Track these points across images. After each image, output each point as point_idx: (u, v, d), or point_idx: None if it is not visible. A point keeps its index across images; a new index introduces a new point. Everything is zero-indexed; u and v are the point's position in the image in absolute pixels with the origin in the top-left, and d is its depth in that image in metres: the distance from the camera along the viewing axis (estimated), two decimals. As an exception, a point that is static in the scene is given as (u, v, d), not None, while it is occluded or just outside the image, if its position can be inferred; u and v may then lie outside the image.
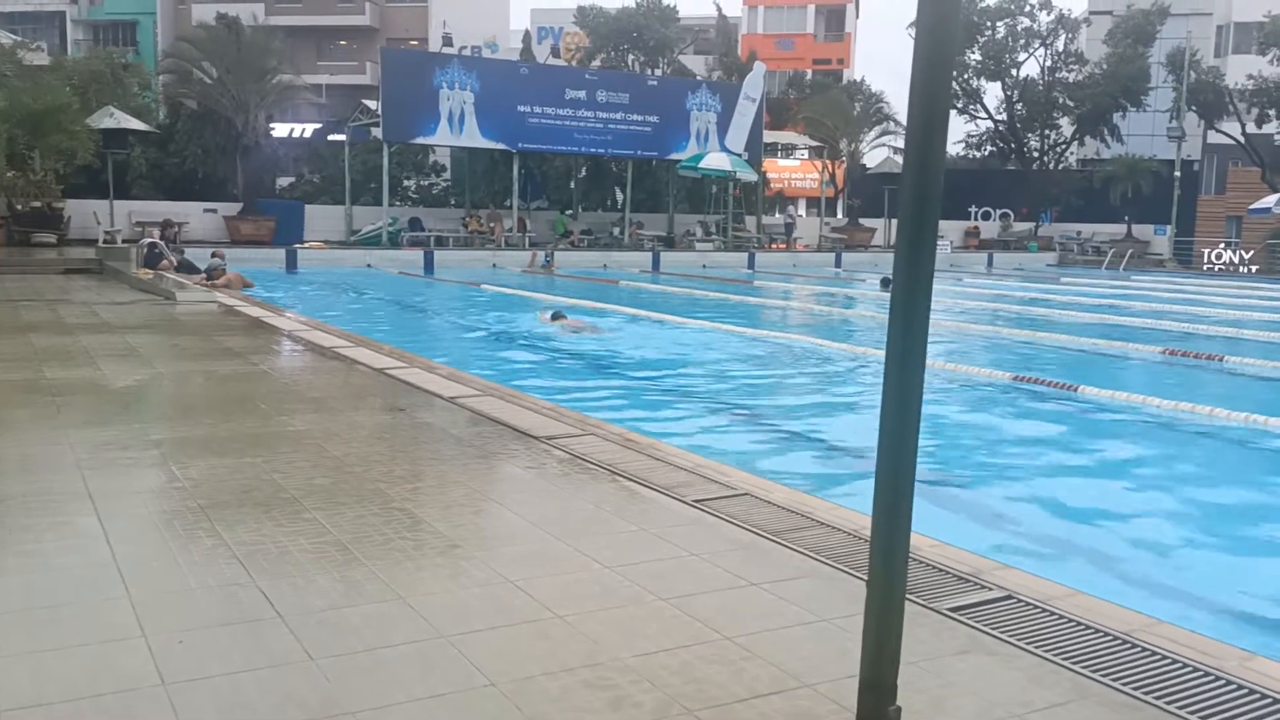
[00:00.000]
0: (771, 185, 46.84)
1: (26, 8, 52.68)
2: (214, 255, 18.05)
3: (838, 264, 33.56)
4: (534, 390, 8.80)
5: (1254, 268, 35.51)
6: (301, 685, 2.80)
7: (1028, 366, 11.97)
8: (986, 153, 45.75)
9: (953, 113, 41.12)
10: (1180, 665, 3.09)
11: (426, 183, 38.03)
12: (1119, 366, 12.19)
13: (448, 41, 46.26)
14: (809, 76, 50.50)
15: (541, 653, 3.04)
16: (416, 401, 7.08)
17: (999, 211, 44.02)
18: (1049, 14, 42.47)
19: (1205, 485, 7.59)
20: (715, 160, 32.45)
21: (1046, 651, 3.15)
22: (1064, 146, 44.96)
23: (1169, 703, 2.85)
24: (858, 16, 60.09)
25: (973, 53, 42.47)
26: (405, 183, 36.91)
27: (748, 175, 34.20)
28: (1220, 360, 12.68)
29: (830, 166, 41.14)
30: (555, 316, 15.38)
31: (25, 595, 3.39)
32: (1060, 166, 45.28)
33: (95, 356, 8.69)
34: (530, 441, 5.83)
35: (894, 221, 2.65)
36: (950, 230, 40.00)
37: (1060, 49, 43.46)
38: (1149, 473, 7.85)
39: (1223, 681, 2.99)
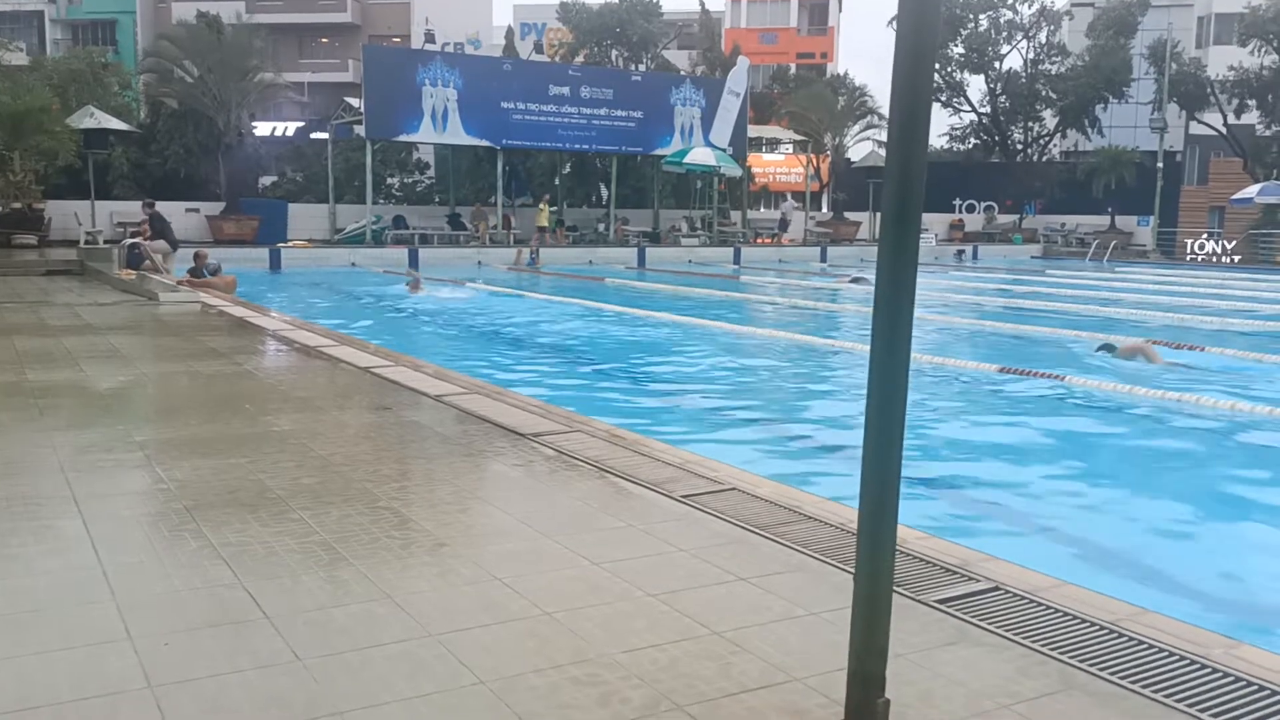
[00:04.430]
0: (756, 180, 46.85)
1: (4, 7, 52.23)
2: (197, 256, 17.92)
3: (823, 258, 33.62)
4: (520, 386, 8.79)
5: (1236, 258, 35.72)
6: (289, 686, 2.78)
7: (1012, 358, 12.01)
8: (970, 145, 45.94)
9: (936, 106, 41.34)
10: (1167, 654, 3.10)
11: (410, 180, 37.88)
12: (1102, 356, 12.23)
13: (430, 38, 46.04)
14: (793, 70, 50.53)
15: (530, 650, 3.04)
16: (403, 400, 7.05)
17: (983, 204, 44.17)
18: (1031, 6, 42.72)
19: (1190, 474, 7.64)
20: (700, 155, 32.43)
21: (1034, 642, 3.16)
22: (1047, 139, 45.17)
23: (1156, 691, 2.86)
24: (840, 10, 60.13)
25: (955, 46, 42.63)
26: (389, 180, 36.78)
27: (732, 170, 34.19)
28: (1202, 350, 12.74)
29: (815, 160, 41.20)
30: (413, 285, 19.89)
31: (9, 599, 3.36)
32: (1044, 159, 45.49)
33: (78, 358, 8.63)
34: (517, 439, 5.82)
35: (879, 215, 2.66)
36: (934, 223, 40.11)
37: (1042, 41, 43.68)
38: (1134, 462, 7.89)
39: (1209, 669, 3.01)
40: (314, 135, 36.44)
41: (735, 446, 7.84)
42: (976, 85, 44.64)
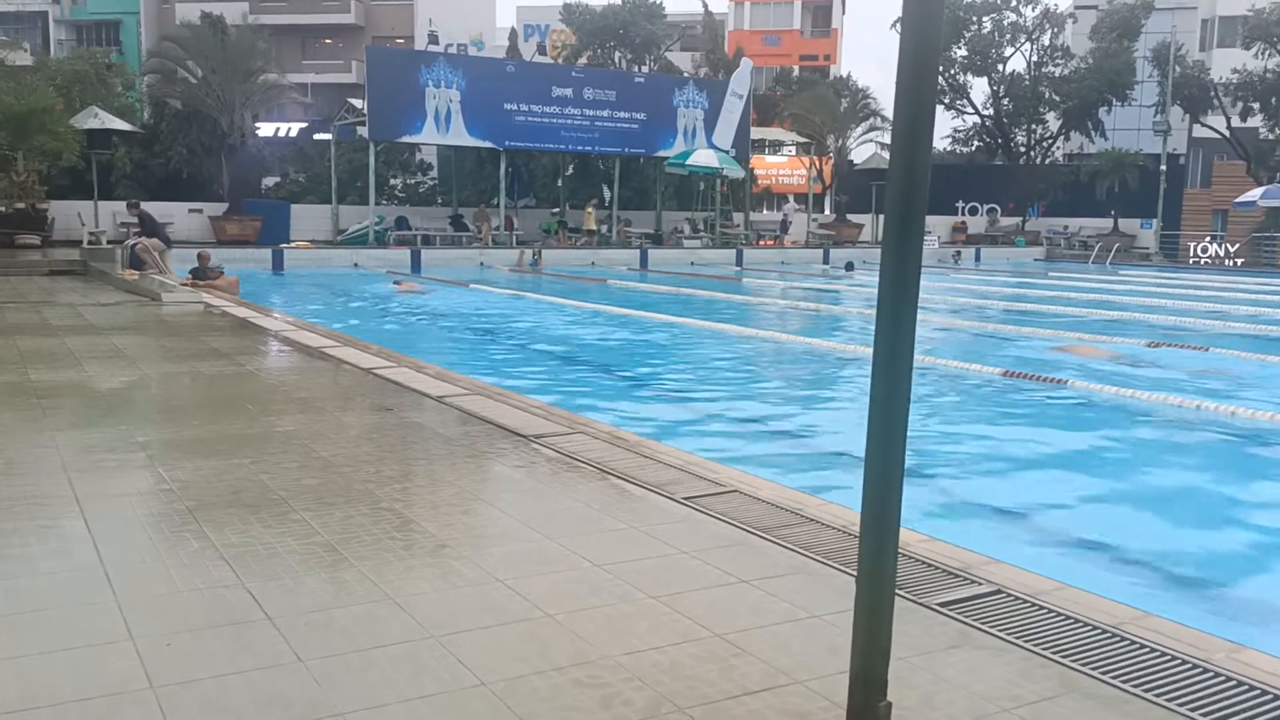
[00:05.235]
0: (759, 182, 46.84)
1: (8, 8, 52.30)
2: (200, 256, 17.92)
3: (825, 260, 33.61)
4: (522, 388, 8.79)
5: (1239, 261, 35.69)
6: (290, 687, 2.78)
7: (1015, 361, 12.00)
8: (973, 148, 45.86)
9: (939, 108, 41.28)
10: (1168, 658, 3.10)
11: (413, 181, 37.93)
12: (1105, 360, 12.23)
13: (433, 39, 46.09)
14: (796, 73, 50.54)
15: (531, 652, 3.04)
16: (404, 401, 7.06)
17: (986, 206, 44.14)
18: (1034, 9, 42.63)
19: (1192, 478, 7.63)
20: (702, 157, 32.43)
21: (1036, 645, 3.16)
22: (1050, 141, 45.10)
23: (1158, 695, 2.86)
24: (844, 12, 60.14)
25: (959, 48, 42.56)
26: (392, 182, 36.82)
27: (735, 172, 34.19)
28: (1205, 352, 12.73)
29: (818, 163, 41.19)
30: (397, 281, 21.10)
31: (11, 599, 3.37)
32: (1047, 161, 45.41)
33: (81, 358, 8.64)
34: (519, 440, 5.83)
35: (881, 217, 2.69)
36: (937, 225, 40.08)
37: (1046, 44, 43.60)
38: (1136, 466, 7.88)
39: (1211, 673, 3.00)
40: (317, 136, 36.47)
41: (737, 449, 7.84)
42: (980, 87, 44.60)
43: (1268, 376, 11.51)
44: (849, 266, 28.55)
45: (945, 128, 47.76)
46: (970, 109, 44.90)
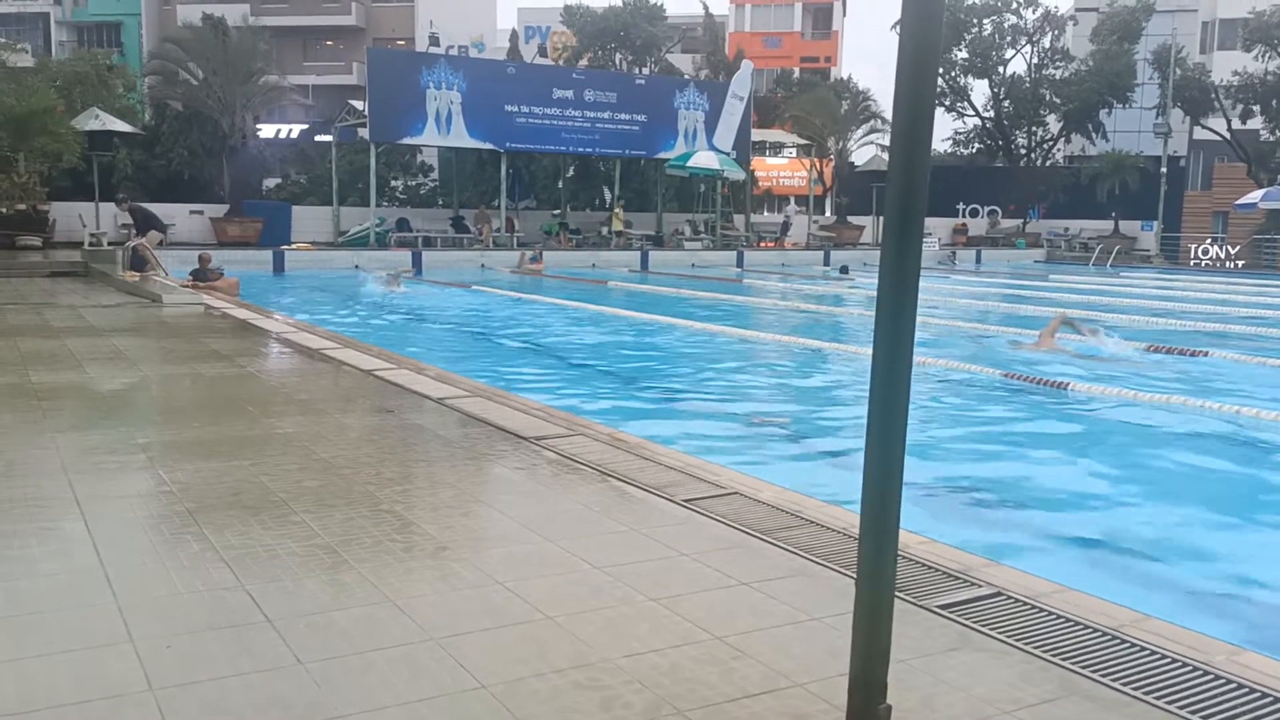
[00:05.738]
0: (760, 184, 46.88)
1: (10, 9, 52.39)
2: (200, 258, 17.93)
3: (826, 262, 33.60)
4: (522, 390, 8.79)
5: (1240, 263, 35.68)
6: (290, 689, 2.78)
7: (1014, 362, 12.00)
8: (974, 150, 45.88)
9: (940, 110, 41.32)
10: (1169, 660, 3.10)
11: (414, 183, 37.96)
12: (1106, 362, 12.22)
13: (434, 41, 46.19)
14: (796, 75, 50.59)
15: (531, 654, 3.04)
16: (405, 403, 7.06)
17: (987, 208, 44.16)
18: (1035, 11, 42.64)
19: (1192, 480, 7.62)
20: (703, 159, 32.46)
21: (1036, 648, 3.16)
22: (1051, 143, 45.12)
23: (1158, 698, 2.86)
24: (845, 14, 60.18)
25: (959, 50, 42.58)
26: (393, 183, 36.85)
27: (735, 174, 34.21)
28: (1205, 355, 12.72)
29: (818, 164, 41.22)
30: (390, 279, 20.80)
31: (11, 601, 3.36)
32: (1047, 163, 45.43)
33: (81, 360, 8.64)
34: (519, 442, 5.83)
35: (882, 219, 2.67)
36: (938, 227, 40.10)
37: (1046, 46, 43.62)
38: (1137, 468, 7.87)
39: (1211, 676, 3.00)
40: (318, 138, 36.50)
41: (737, 451, 7.83)
42: (980, 89, 44.64)
43: (1268, 377, 11.50)
44: (844, 270, 28.67)
45: (946, 130, 47.84)
46: (971, 111, 44.92)
